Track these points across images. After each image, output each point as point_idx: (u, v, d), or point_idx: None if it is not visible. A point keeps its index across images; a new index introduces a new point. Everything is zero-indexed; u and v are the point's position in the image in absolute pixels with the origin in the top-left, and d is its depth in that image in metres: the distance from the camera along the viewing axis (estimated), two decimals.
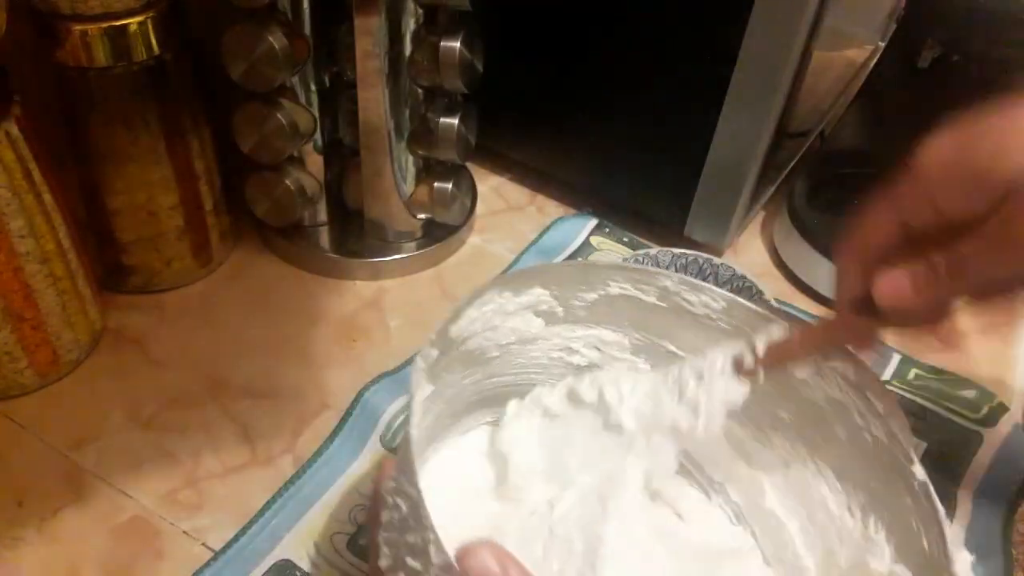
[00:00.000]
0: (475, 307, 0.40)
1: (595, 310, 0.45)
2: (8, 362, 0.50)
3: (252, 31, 0.52)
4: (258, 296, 0.61)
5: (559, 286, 0.44)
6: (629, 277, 0.44)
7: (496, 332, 0.43)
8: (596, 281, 0.44)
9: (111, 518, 0.47)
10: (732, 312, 0.43)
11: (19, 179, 0.46)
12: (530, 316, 0.44)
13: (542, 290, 0.43)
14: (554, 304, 0.44)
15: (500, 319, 0.43)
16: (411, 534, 0.29)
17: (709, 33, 0.56)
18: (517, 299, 0.43)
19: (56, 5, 0.47)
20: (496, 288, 0.41)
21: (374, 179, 0.61)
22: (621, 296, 0.45)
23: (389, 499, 0.30)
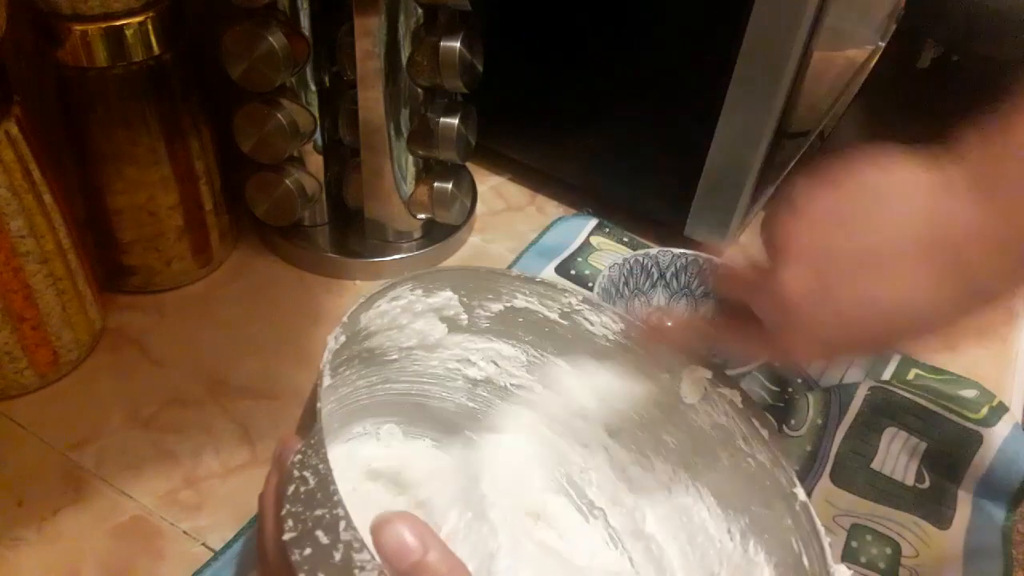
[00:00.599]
0: (387, 299, 0.40)
1: (498, 321, 0.46)
2: (8, 362, 0.50)
3: (252, 31, 0.52)
4: (258, 296, 0.61)
5: (468, 292, 0.44)
6: (535, 291, 0.45)
7: (400, 333, 0.43)
8: (504, 291, 0.44)
9: (111, 518, 0.47)
10: (629, 334, 0.44)
11: (19, 179, 0.46)
12: (435, 320, 0.44)
13: (452, 294, 0.43)
14: (460, 311, 0.44)
15: (407, 318, 0.43)
16: (319, 508, 0.28)
17: (709, 33, 0.56)
18: (427, 299, 0.43)
19: (56, 5, 0.47)
20: (409, 283, 0.41)
21: (374, 179, 0.61)
22: (525, 309, 0.45)
23: (296, 472, 0.30)
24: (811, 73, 0.60)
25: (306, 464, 0.30)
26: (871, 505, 0.51)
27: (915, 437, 0.53)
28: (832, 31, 0.60)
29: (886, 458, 0.53)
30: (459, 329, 0.45)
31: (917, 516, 0.50)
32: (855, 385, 0.55)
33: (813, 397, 0.55)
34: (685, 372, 0.43)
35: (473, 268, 0.44)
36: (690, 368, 0.43)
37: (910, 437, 0.53)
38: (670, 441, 0.45)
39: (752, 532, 0.41)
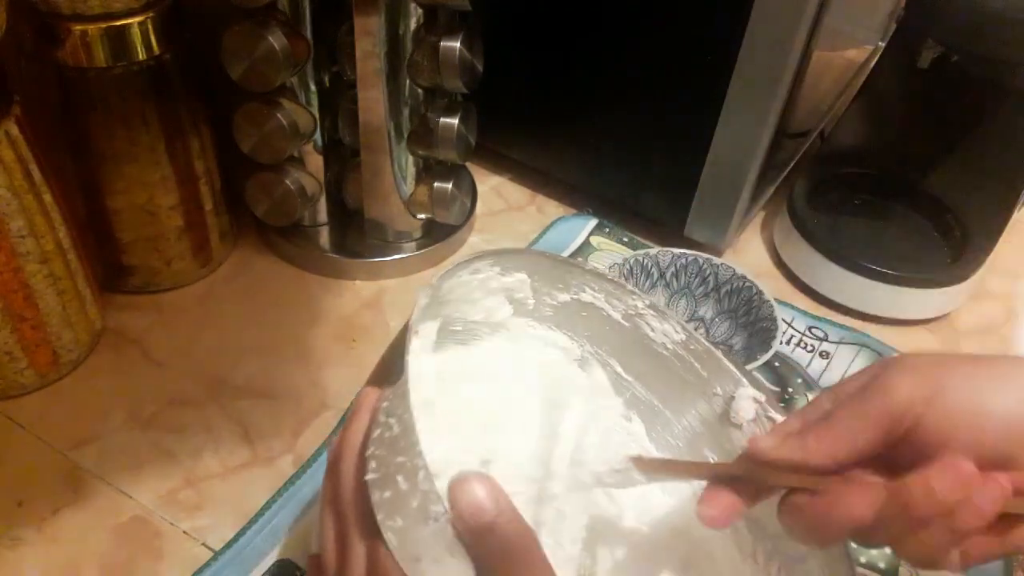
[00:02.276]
0: (469, 271, 0.41)
1: (562, 311, 0.46)
2: (8, 362, 0.50)
3: (252, 31, 0.52)
4: (258, 296, 0.61)
5: (540, 278, 0.44)
6: (604, 288, 0.45)
7: (472, 306, 0.44)
8: (574, 282, 0.45)
9: (111, 518, 0.47)
10: (688, 345, 0.44)
11: (19, 179, 0.46)
12: (504, 300, 0.45)
13: (526, 277, 0.44)
14: (529, 295, 0.45)
15: (480, 293, 0.43)
16: (401, 455, 0.29)
17: (709, 33, 0.56)
18: (502, 278, 0.43)
19: (56, 5, 0.47)
20: (490, 259, 0.41)
21: (374, 179, 0.61)
22: (591, 304, 0.45)
23: (382, 417, 0.31)
24: (811, 73, 0.60)
25: (392, 411, 0.30)
26: None
27: None
28: (832, 31, 0.60)
29: None
30: (524, 312, 0.46)
31: None
32: None
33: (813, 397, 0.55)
34: (738, 392, 0.42)
35: (551, 255, 0.45)
36: (743, 388, 0.42)
37: None
38: (710, 457, 0.45)
39: (776, 555, 0.41)
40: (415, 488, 0.28)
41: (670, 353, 0.45)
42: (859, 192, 0.69)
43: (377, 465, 0.30)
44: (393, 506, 0.29)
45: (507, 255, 0.42)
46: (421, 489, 0.28)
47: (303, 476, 0.49)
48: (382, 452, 0.30)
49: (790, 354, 0.60)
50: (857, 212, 0.68)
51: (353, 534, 0.31)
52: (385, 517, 0.29)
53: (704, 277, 0.59)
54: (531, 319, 0.46)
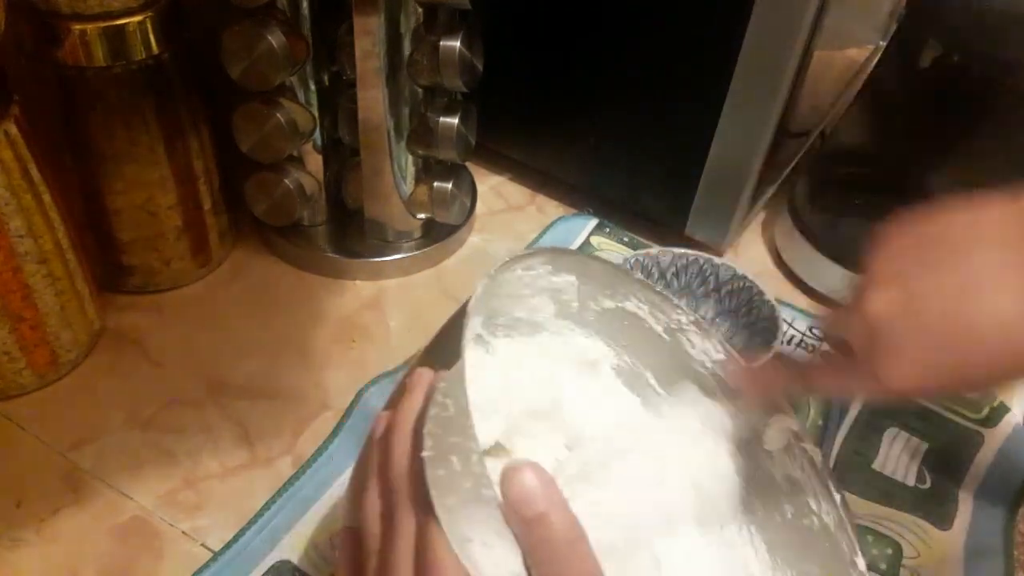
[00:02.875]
0: (523, 266, 0.41)
1: (605, 318, 0.45)
2: (7, 362, 0.50)
3: (251, 31, 0.52)
4: (257, 296, 0.61)
5: (587, 282, 0.44)
6: (649, 299, 0.44)
7: (516, 302, 0.44)
8: (620, 290, 0.44)
9: (110, 518, 0.47)
10: (726, 367, 0.44)
11: (18, 179, 0.46)
12: (549, 299, 0.44)
13: (574, 279, 0.44)
14: (574, 298, 0.45)
15: (529, 290, 0.43)
16: (455, 436, 0.30)
17: (709, 33, 0.56)
18: (551, 277, 0.43)
19: (55, 4, 0.47)
20: (544, 257, 0.41)
21: (374, 179, 0.60)
22: (634, 315, 0.45)
23: (439, 397, 0.31)
24: (811, 73, 0.60)
25: (448, 392, 0.31)
26: (872, 506, 0.50)
27: (916, 438, 0.53)
28: (833, 31, 0.60)
29: (887, 459, 0.53)
30: (567, 315, 0.45)
31: (918, 517, 0.50)
32: None
33: (814, 398, 0.55)
34: (773, 419, 0.42)
35: (603, 260, 0.44)
36: (779, 416, 0.42)
37: (911, 438, 0.53)
38: (738, 480, 0.44)
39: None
40: (468, 470, 0.29)
41: (707, 372, 0.44)
42: (860, 192, 0.69)
43: (433, 443, 0.30)
44: (447, 485, 0.29)
45: (561, 255, 0.42)
46: (474, 472, 0.29)
47: (302, 477, 0.49)
48: (438, 431, 0.30)
49: (791, 354, 0.60)
50: (858, 212, 0.68)
51: (404, 509, 0.31)
52: (439, 495, 0.29)
53: (705, 277, 0.59)
54: (572, 321, 0.46)
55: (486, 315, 0.44)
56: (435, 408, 0.31)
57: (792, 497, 0.42)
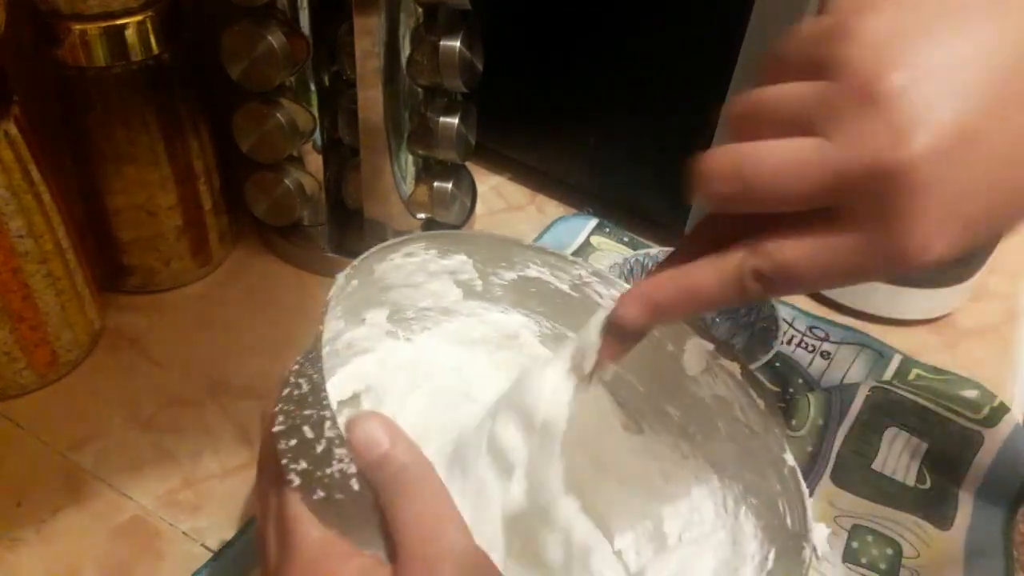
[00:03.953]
0: (401, 254, 0.41)
1: (512, 290, 0.46)
2: (7, 362, 0.50)
3: (251, 31, 0.52)
4: (257, 296, 0.61)
5: (482, 258, 0.44)
6: (547, 261, 0.45)
7: (416, 291, 0.44)
8: (516, 260, 0.45)
9: (110, 519, 0.47)
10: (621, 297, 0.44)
11: (18, 179, 0.46)
12: (450, 283, 0.45)
13: (466, 258, 0.44)
14: (474, 276, 0.45)
15: (422, 277, 0.44)
16: (309, 409, 0.31)
17: (710, 33, 0.56)
18: (441, 260, 0.43)
19: (55, 4, 0.47)
20: (423, 242, 0.42)
21: (373, 179, 0.60)
22: (538, 279, 0.46)
23: (291, 379, 0.32)
24: None
25: (302, 373, 0.32)
26: (872, 506, 0.50)
27: (916, 437, 0.53)
28: None
29: (887, 458, 0.53)
30: (474, 295, 0.46)
31: (918, 517, 0.50)
32: (856, 385, 0.55)
33: (814, 398, 0.55)
34: (688, 344, 0.43)
35: (486, 234, 0.45)
36: (693, 340, 0.43)
37: (911, 437, 0.53)
38: (672, 412, 0.45)
39: (744, 498, 0.41)
40: (321, 436, 0.30)
41: None
42: None
43: (284, 419, 0.31)
44: (298, 452, 0.30)
45: (440, 237, 0.43)
46: (327, 436, 0.30)
47: None
48: (289, 407, 0.31)
49: (791, 354, 0.60)
50: None
51: (269, 490, 0.32)
52: (289, 462, 0.30)
53: None
54: (483, 300, 0.47)
55: (389, 309, 0.44)
56: (287, 389, 0.32)
57: (722, 414, 0.42)
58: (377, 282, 0.42)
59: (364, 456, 0.29)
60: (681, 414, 0.45)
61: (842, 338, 0.61)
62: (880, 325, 0.63)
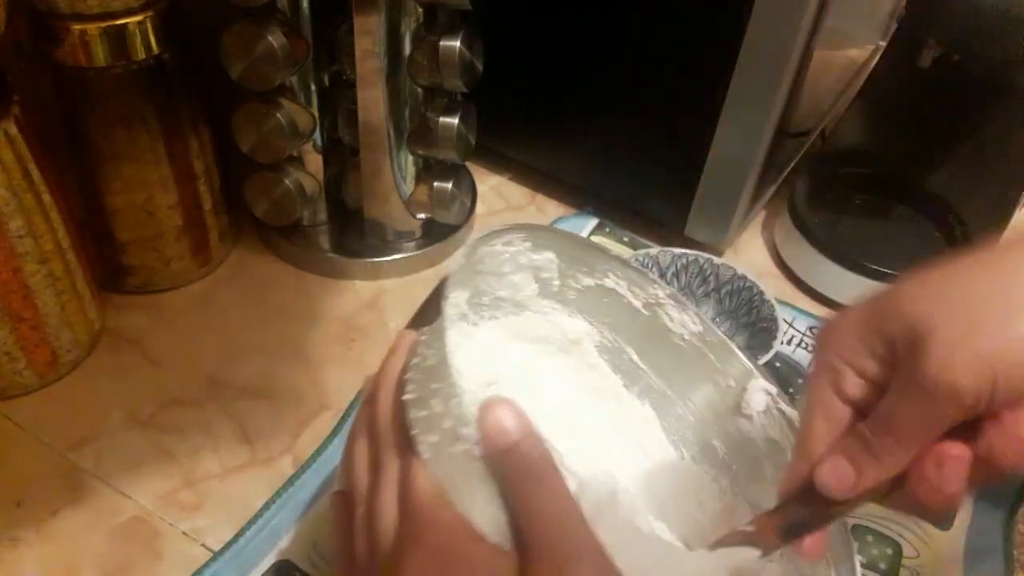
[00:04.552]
0: (503, 241, 0.41)
1: (585, 296, 0.46)
2: (7, 362, 0.50)
3: (251, 31, 0.52)
4: (257, 296, 0.61)
5: (567, 260, 0.45)
6: (627, 275, 0.45)
7: (499, 280, 0.44)
8: (598, 267, 0.45)
9: (110, 518, 0.47)
10: (705, 337, 0.44)
11: (18, 179, 0.46)
12: (531, 278, 0.45)
13: (554, 256, 0.44)
14: (555, 276, 0.45)
15: (510, 267, 0.44)
16: (437, 382, 0.31)
17: (710, 33, 0.56)
18: (531, 255, 0.44)
19: (55, 4, 0.47)
20: (523, 233, 0.42)
21: (374, 179, 0.60)
22: (613, 291, 0.46)
23: (420, 349, 0.33)
24: (811, 73, 0.60)
25: (429, 345, 0.33)
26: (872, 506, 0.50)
27: None
28: (833, 31, 0.60)
29: None
30: (549, 294, 0.46)
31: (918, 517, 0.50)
32: None
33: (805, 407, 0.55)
34: (751, 383, 0.43)
35: (578, 237, 0.45)
36: (756, 380, 0.43)
37: None
38: (718, 447, 0.45)
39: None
40: (448, 412, 0.30)
41: (686, 344, 0.45)
42: (860, 192, 0.69)
43: (415, 388, 0.32)
44: (428, 424, 0.31)
45: (539, 231, 0.43)
46: (454, 413, 0.30)
47: (302, 476, 0.49)
48: (419, 376, 0.32)
49: (791, 354, 0.60)
50: (858, 212, 0.68)
51: (388, 453, 0.32)
52: (420, 433, 0.30)
53: (705, 277, 0.59)
54: (555, 301, 0.47)
55: (471, 292, 0.44)
56: (416, 359, 0.32)
57: (772, 457, 0.42)
58: (474, 264, 0.42)
59: (493, 442, 0.30)
60: (727, 450, 0.45)
61: None
62: None
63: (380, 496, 0.32)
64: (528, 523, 0.29)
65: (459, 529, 0.29)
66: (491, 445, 0.30)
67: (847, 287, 0.63)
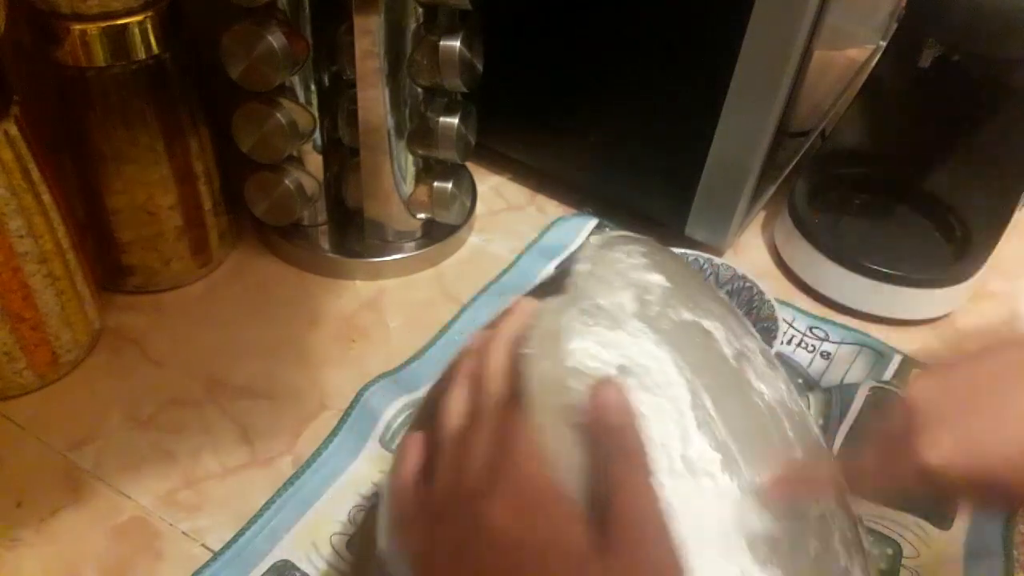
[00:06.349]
0: (623, 250, 0.41)
1: (678, 331, 0.43)
2: (7, 362, 0.50)
3: (251, 31, 0.52)
4: (257, 296, 0.61)
5: (674, 286, 0.43)
6: (727, 321, 0.43)
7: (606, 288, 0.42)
8: (701, 305, 0.43)
9: (110, 518, 0.47)
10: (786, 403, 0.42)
11: (18, 179, 0.46)
12: (633, 296, 0.42)
13: (664, 281, 0.43)
14: (656, 300, 0.43)
15: (619, 281, 0.42)
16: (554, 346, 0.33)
17: (710, 33, 0.56)
18: (644, 272, 0.42)
19: (55, 5, 0.47)
20: (644, 247, 0.42)
21: (374, 179, 0.60)
22: (709, 333, 0.43)
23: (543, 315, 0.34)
24: (812, 73, 0.60)
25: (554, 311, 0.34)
26: (872, 506, 0.50)
27: None
28: (833, 30, 0.60)
29: None
30: (645, 318, 0.43)
31: (918, 517, 0.50)
32: (856, 386, 0.55)
33: (814, 398, 0.55)
34: None
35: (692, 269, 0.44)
36: None
37: None
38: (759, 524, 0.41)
39: None
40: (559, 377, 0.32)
41: (764, 405, 0.42)
42: (860, 192, 0.69)
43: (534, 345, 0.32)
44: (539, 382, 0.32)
45: (659, 251, 0.42)
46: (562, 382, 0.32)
47: (302, 476, 0.49)
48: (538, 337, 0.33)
49: (791, 354, 0.60)
50: (858, 212, 0.68)
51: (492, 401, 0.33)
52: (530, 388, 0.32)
53: (705, 277, 0.59)
54: (647, 327, 0.43)
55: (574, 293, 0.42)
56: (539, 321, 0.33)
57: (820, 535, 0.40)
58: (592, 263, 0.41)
59: (601, 419, 0.31)
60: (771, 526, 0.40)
61: (842, 338, 0.61)
62: (880, 325, 0.63)
63: (477, 435, 0.32)
64: (616, 499, 0.30)
65: (547, 485, 0.30)
66: (598, 422, 0.31)
67: (847, 287, 0.63)
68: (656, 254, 0.42)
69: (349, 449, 0.51)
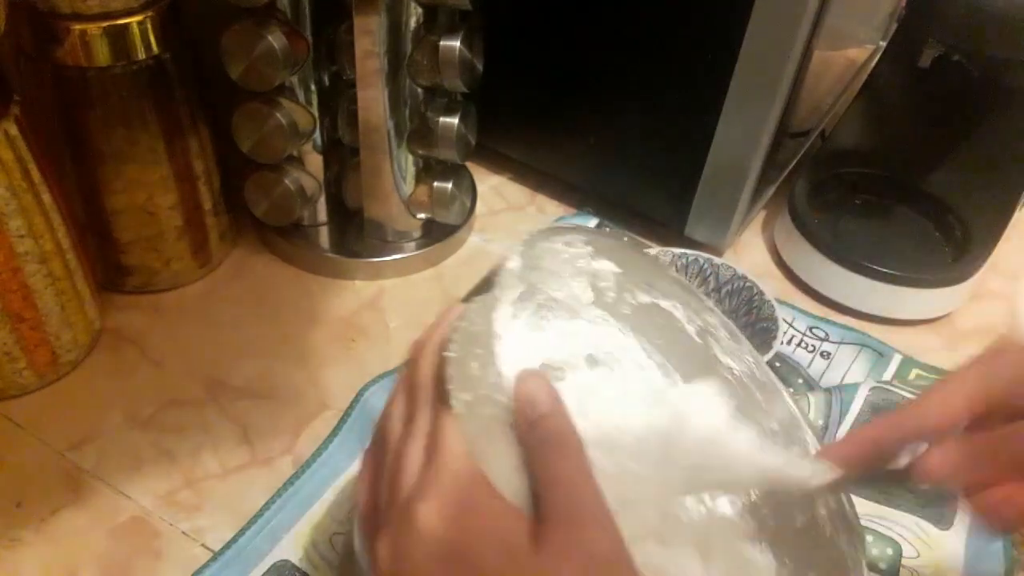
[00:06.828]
0: (563, 241, 0.41)
1: (639, 313, 0.44)
2: (7, 362, 0.50)
3: (251, 31, 0.52)
4: (257, 296, 0.61)
5: (627, 272, 0.43)
6: (685, 300, 0.43)
7: (556, 281, 0.43)
8: (657, 286, 0.43)
9: (110, 518, 0.47)
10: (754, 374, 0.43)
11: (18, 179, 0.46)
12: (587, 284, 0.44)
13: (614, 267, 0.43)
14: (612, 286, 0.44)
15: (568, 271, 0.43)
16: (478, 347, 0.33)
17: (710, 33, 0.56)
18: (591, 261, 0.42)
19: (55, 4, 0.47)
20: (584, 237, 0.41)
21: (374, 179, 0.60)
22: (668, 313, 0.44)
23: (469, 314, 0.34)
24: (812, 73, 0.60)
25: (478, 312, 0.34)
26: (872, 506, 0.50)
27: None
28: (833, 31, 0.60)
29: None
30: (603, 305, 0.44)
31: (918, 517, 0.50)
32: (856, 386, 0.55)
33: (814, 398, 0.55)
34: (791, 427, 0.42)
35: (639, 250, 0.44)
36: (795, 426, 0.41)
37: None
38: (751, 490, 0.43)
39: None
40: (486, 376, 0.32)
41: (734, 379, 0.43)
42: (860, 192, 0.69)
43: (457, 348, 0.32)
44: (464, 383, 0.32)
45: (601, 237, 0.42)
46: (490, 380, 0.32)
47: (302, 476, 0.49)
48: (462, 339, 0.33)
49: (791, 354, 0.60)
50: (858, 212, 0.68)
51: (423, 407, 0.33)
52: (455, 389, 0.31)
53: (705, 277, 0.59)
54: (608, 313, 0.45)
55: (526, 286, 0.43)
56: (463, 323, 0.33)
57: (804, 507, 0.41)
58: (533, 259, 0.41)
59: (524, 412, 0.31)
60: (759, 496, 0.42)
61: (842, 338, 0.61)
62: (880, 325, 0.63)
63: (409, 445, 0.33)
64: (546, 490, 0.30)
65: (478, 483, 0.30)
66: (522, 415, 0.31)
67: (847, 287, 0.63)
68: (598, 241, 0.42)
69: (349, 449, 0.51)
